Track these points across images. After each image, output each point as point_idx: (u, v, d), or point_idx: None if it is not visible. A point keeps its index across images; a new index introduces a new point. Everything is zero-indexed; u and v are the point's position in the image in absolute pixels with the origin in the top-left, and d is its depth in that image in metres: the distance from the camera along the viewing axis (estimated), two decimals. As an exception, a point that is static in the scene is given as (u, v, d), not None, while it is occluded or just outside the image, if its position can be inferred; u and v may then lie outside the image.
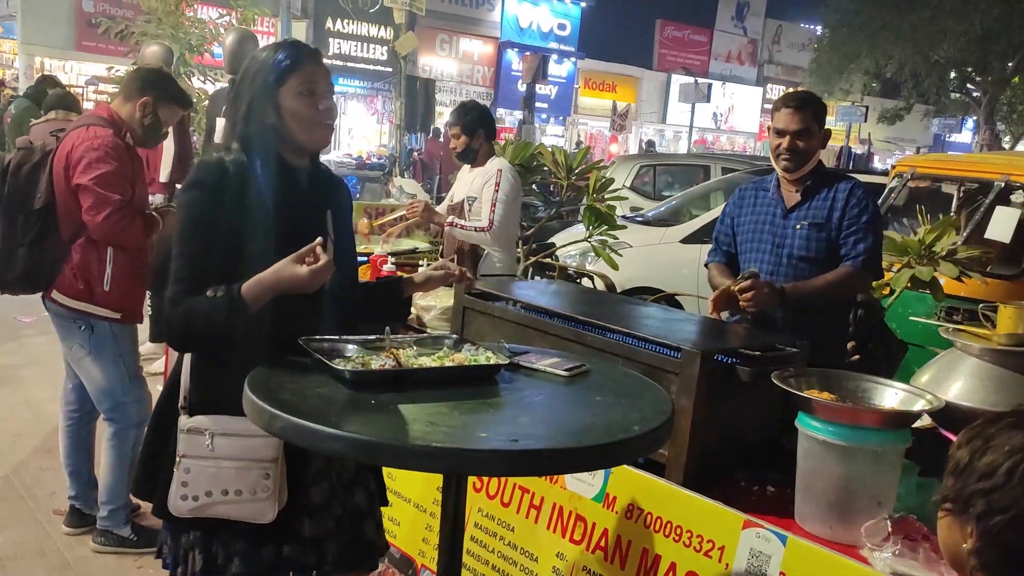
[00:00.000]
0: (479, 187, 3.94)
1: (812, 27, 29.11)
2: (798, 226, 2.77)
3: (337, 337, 1.85)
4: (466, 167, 4.11)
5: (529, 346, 2.13)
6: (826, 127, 2.82)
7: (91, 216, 2.98)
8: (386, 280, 2.29)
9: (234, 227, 1.80)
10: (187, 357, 1.89)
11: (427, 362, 1.78)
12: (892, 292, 3.54)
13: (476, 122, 3.97)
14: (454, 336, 2.01)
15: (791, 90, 3.30)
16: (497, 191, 3.85)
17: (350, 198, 2.16)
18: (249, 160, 1.86)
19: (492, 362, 1.79)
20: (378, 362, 1.72)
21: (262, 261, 1.76)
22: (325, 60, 2.04)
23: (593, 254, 5.16)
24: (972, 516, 1.10)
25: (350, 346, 1.82)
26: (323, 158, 2.13)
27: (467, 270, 2.22)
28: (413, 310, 3.30)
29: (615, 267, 4.95)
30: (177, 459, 1.81)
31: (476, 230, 3.87)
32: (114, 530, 3.25)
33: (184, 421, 1.83)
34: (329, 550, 1.95)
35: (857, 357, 3.14)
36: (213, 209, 1.80)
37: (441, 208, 4.25)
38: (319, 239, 1.75)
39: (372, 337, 1.87)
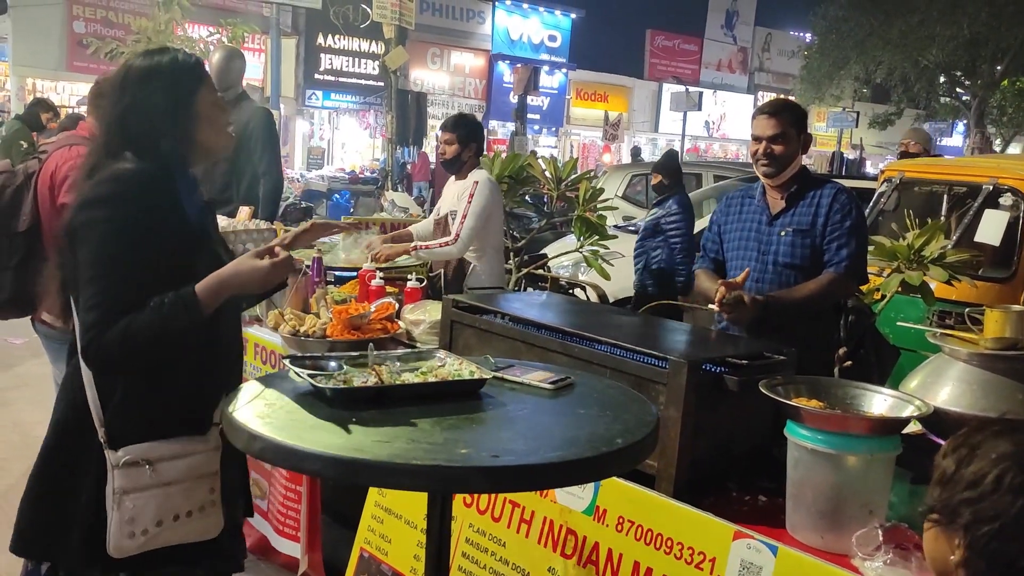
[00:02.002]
0: (455, 200, 3.96)
1: (801, 34, 29.26)
2: (783, 232, 2.77)
3: (319, 355, 1.84)
4: (451, 179, 4.13)
5: (516, 359, 2.11)
6: (808, 132, 2.84)
7: None
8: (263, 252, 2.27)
9: (152, 239, 1.71)
10: (90, 389, 1.75)
11: (410, 378, 1.76)
12: (883, 297, 3.54)
13: (471, 135, 4.01)
14: (438, 351, 1.99)
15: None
16: (470, 203, 3.86)
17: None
18: (159, 170, 1.78)
19: (475, 376, 1.77)
20: (360, 379, 1.71)
21: (185, 270, 1.73)
22: (317, 76, 2.09)
23: (585, 264, 5.15)
24: (959, 527, 1.07)
25: (332, 363, 1.80)
26: (316, 172, 2.17)
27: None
28: (402, 324, 3.28)
29: (607, 277, 4.94)
30: (115, 497, 1.71)
31: (441, 246, 3.86)
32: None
33: (115, 456, 1.72)
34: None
35: (849, 363, 3.13)
36: (130, 223, 1.70)
37: (426, 224, 4.25)
38: (281, 243, 1.78)
39: (355, 354, 1.86)
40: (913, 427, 2.06)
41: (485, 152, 4.65)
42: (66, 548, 1.77)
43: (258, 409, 1.57)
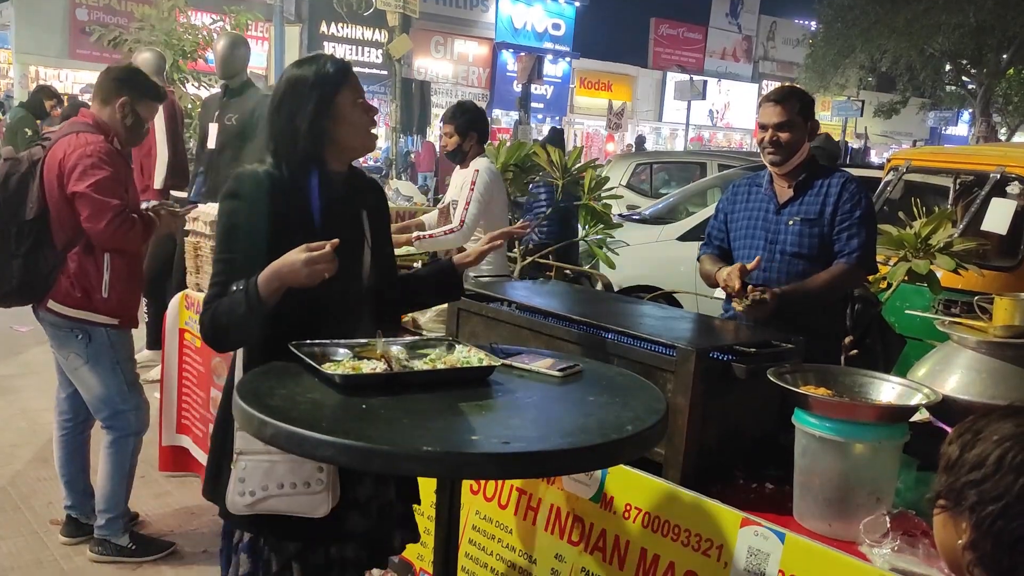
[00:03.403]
0: (458, 189, 3.96)
1: (806, 23, 29.09)
2: (791, 222, 2.76)
3: (328, 341, 1.85)
4: (457, 168, 4.13)
5: (523, 347, 2.11)
6: (815, 119, 2.82)
7: (92, 224, 2.96)
8: (439, 265, 2.31)
9: (277, 235, 1.84)
10: (239, 357, 1.93)
11: (419, 365, 1.77)
12: (889, 286, 3.53)
13: (470, 124, 3.97)
14: (447, 338, 2.00)
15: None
16: (472, 191, 3.85)
17: (385, 199, 2.21)
18: (290, 170, 1.91)
19: (484, 364, 1.77)
20: (369, 366, 1.71)
21: None
22: None
23: (590, 253, 5.16)
24: (965, 509, 1.08)
25: (341, 350, 1.80)
26: None
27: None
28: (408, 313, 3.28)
29: (612, 266, 4.94)
30: (235, 456, 1.84)
31: (446, 233, 3.85)
32: (111, 539, 3.23)
33: None
34: (372, 545, 2.00)
35: (855, 352, 3.13)
36: (252, 218, 1.86)
37: (431, 216, 4.25)
38: (334, 240, 1.79)
39: (364, 340, 1.86)
40: (921, 415, 2.06)
41: (490, 140, 4.63)
42: (221, 496, 1.90)
43: (268, 396, 1.58)
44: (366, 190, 2.11)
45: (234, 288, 1.80)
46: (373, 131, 2.01)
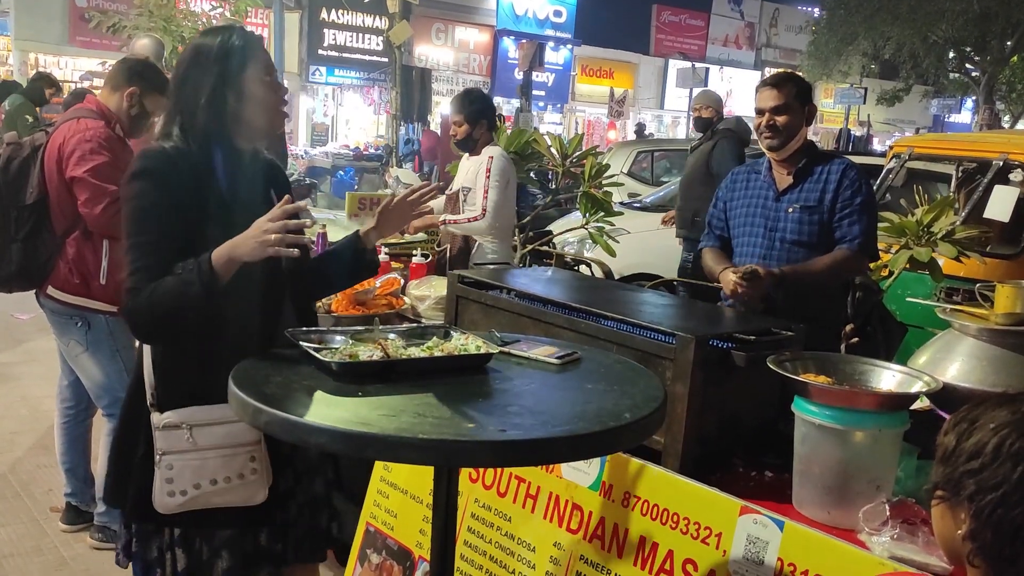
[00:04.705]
0: (472, 176, 3.94)
1: (809, 10, 28.91)
2: (790, 209, 2.74)
3: (325, 328, 1.84)
4: (465, 156, 4.11)
5: (521, 334, 2.10)
6: (813, 104, 2.81)
7: (88, 209, 2.95)
8: (345, 241, 2.09)
9: (186, 214, 1.77)
10: (147, 353, 1.85)
11: (416, 352, 1.75)
12: (891, 273, 3.52)
13: (479, 112, 3.98)
14: (444, 325, 1.98)
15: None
16: (488, 178, 3.85)
17: (287, 180, 2.16)
18: (197, 146, 1.83)
19: (482, 351, 1.76)
20: (366, 353, 1.70)
21: (217, 244, 1.73)
22: (320, 51, 2.05)
23: (591, 241, 5.14)
24: (964, 499, 1.07)
25: (338, 337, 1.79)
26: (320, 149, 2.11)
27: (429, 188, 2.09)
28: (407, 300, 3.27)
29: (612, 254, 4.92)
30: (157, 457, 1.79)
31: (470, 220, 3.88)
32: (111, 526, 3.23)
33: (157, 418, 1.80)
34: (292, 539, 1.96)
35: (856, 340, 3.12)
36: (163, 197, 1.77)
37: (438, 202, 4.23)
38: (287, 206, 1.73)
39: (361, 328, 1.85)
40: (921, 403, 2.05)
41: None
42: (127, 499, 1.87)
43: (263, 383, 1.57)
44: (271, 169, 2.05)
45: (179, 270, 1.70)
46: (281, 108, 1.93)
